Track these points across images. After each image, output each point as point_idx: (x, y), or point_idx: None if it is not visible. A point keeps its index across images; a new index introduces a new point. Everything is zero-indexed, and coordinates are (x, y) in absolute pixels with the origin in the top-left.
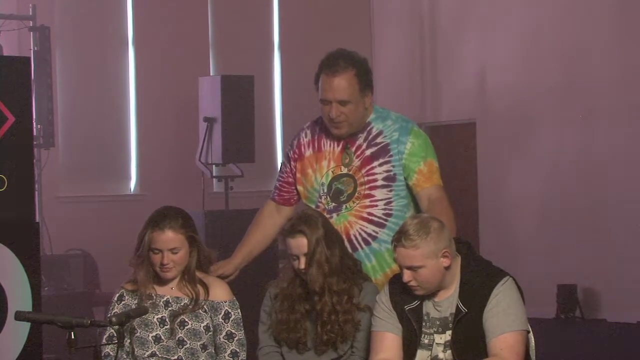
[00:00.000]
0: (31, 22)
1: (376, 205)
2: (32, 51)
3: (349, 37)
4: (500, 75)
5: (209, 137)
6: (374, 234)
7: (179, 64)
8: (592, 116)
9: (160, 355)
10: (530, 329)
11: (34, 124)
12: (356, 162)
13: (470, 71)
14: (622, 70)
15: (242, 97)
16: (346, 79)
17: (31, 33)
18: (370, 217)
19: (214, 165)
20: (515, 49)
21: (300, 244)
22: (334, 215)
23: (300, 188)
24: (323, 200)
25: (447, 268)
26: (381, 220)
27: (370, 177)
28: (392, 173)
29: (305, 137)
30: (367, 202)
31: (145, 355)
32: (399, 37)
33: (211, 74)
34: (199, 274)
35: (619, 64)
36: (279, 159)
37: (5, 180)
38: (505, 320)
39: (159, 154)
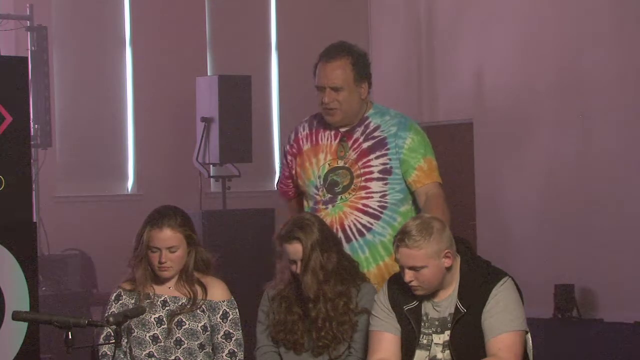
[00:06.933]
0: (28, 22)
1: (371, 197)
2: (29, 51)
3: (346, 37)
4: (497, 75)
5: (207, 137)
6: (368, 225)
7: (177, 63)
8: (589, 116)
9: (157, 356)
10: (528, 329)
11: (31, 123)
12: (352, 155)
13: (467, 71)
14: (619, 71)
15: (239, 97)
16: (341, 66)
17: (28, 33)
18: (366, 209)
19: (211, 165)
20: (512, 49)
21: (296, 249)
22: (329, 206)
23: (299, 182)
24: (320, 192)
25: (449, 268)
26: (376, 212)
27: (366, 170)
28: (388, 166)
29: (303, 130)
30: (362, 193)
31: (143, 355)
32: (397, 37)
33: (208, 73)
34: (197, 274)
35: (616, 64)
36: (277, 159)
37: (3, 180)
38: (503, 321)
39: (156, 153)
